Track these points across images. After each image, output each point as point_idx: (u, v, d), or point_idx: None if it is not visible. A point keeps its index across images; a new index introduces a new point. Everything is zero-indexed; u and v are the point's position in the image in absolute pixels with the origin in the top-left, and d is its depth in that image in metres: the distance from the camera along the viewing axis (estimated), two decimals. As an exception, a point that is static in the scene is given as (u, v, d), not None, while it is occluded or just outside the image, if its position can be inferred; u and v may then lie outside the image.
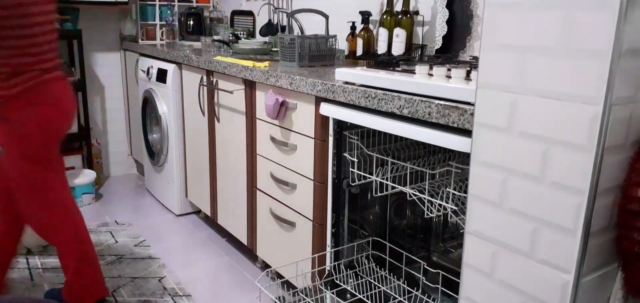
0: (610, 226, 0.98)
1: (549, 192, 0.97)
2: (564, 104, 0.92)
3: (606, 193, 0.94)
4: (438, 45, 1.99)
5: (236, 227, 2.47)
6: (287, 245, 2.07)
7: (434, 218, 2.01)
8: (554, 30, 0.93)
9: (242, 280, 2.35)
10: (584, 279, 0.97)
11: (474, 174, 1.11)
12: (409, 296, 1.76)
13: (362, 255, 1.88)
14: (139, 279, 2.32)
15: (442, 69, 1.40)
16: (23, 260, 2.48)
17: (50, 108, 1.76)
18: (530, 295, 1.03)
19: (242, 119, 2.26)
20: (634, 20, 0.86)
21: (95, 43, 3.56)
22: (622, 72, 0.87)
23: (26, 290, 2.21)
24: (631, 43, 0.87)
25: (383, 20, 2.12)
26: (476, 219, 1.12)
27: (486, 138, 1.07)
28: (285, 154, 1.98)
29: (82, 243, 1.91)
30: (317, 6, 2.73)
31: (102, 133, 3.72)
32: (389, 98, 1.43)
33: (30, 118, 1.72)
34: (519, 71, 0.99)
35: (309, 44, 2.13)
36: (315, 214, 1.86)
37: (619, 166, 0.95)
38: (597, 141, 0.89)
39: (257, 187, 2.23)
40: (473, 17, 1.89)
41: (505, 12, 1.01)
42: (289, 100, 1.91)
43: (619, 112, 0.90)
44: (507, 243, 1.06)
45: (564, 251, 0.96)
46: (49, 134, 1.78)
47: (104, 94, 3.68)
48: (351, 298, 1.76)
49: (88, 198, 3.23)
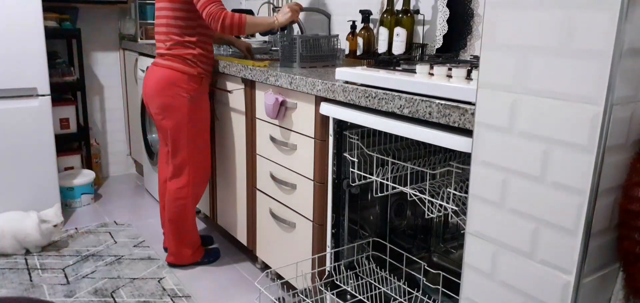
0: (611, 227, 0.98)
1: (549, 192, 0.97)
2: (565, 104, 0.92)
3: (607, 193, 0.94)
4: (439, 44, 1.99)
5: (236, 228, 2.46)
6: (287, 246, 2.06)
7: (434, 218, 2.01)
8: (555, 29, 0.92)
9: (241, 281, 2.34)
10: (584, 280, 0.96)
11: (475, 174, 1.11)
12: (410, 297, 1.76)
13: (363, 256, 1.88)
14: (139, 280, 2.31)
15: (443, 69, 1.40)
16: (22, 260, 2.47)
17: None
18: (531, 296, 1.03)
19: (241, 119, 2.25)
20: (635, 19, 0.85)
21: (94, 42, 3.56)
22: (622, 72, 0.87)
23: (25, 290, 2.21)
24: (632, 43, 0.87)
25: (383, 19, 2.11)
26: (477, 219, 1.12)
27: (487, 137, 1.07)
28: (285, 154, 1.97)
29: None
30: (317, 5, 2.72)
31: (101, 133, 3.72)
32: (389, 98, 1.43)
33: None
34: (520, 71, 0.99)
35: (311, 44, 2.12)
36: (315, 214, 1.85)
37: (619, 166, 0.94)
38: (597, 141, 0.88)
39: (256, 187, 2.22)
40: (474, 16, 1.89)
41: (506, 12, 1.00)
42: (289, 100, 1.90)
43: (619, 112, 0.89)
44: (508, 243, 1.06)
45: (564, 251, 0.96)
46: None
47: (103, 94, 3.67)
48: (351, 299, 1.75)
49: (87, 198, 3.23)
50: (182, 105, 2.17)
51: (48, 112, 2.78)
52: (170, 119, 2.19)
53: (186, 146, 2.23)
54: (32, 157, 2.77)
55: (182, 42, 2.13)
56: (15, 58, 2.65)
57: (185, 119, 2.19)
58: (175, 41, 2.13)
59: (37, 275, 2.34)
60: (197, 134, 2.26)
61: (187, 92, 2.17)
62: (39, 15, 2.67)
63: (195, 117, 2.22)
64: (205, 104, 2.27)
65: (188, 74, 2.16)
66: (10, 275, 2.34)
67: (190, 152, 2.25)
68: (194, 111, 2.21)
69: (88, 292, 2.20)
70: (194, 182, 2.31)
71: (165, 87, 2.15)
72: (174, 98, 2.16)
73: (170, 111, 2.18)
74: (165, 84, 2.14)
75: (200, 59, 2.18)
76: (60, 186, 3.03)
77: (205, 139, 2.31)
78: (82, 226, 2.89)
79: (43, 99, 2.75)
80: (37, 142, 2.77)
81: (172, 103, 2.17)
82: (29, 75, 2.70)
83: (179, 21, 2.12)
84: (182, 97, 2.16)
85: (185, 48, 2.14)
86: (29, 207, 2.75)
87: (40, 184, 2.81)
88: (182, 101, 2.17)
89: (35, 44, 2.68)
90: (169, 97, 2.16)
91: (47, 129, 2.79)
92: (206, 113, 2.29)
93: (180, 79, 2.15)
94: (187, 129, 2.21)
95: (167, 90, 2.15)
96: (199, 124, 2.26)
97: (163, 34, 2.16)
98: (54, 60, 3.22)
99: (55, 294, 2.18)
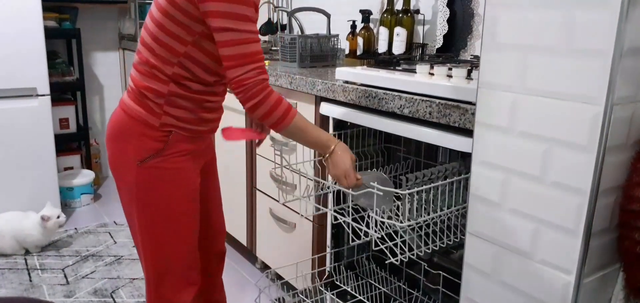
0: (611, 227, 0.98)
1: (550, 192, 0.96)
2: (565, 104, 0.92)
3: (607, 193, 0.94)
4: (439, 44, 1.99)
5: (235, 228, 2.46)
6: (287, 246, 2.06)
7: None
8: (555, 29, 0.92)
9: (241, 281, 2.34)
10: (585, 280, 0.96)
11: (475, 174, 1.11)
12: (410, 297, 1.76)
13: (363, 256, 1.88)
14: (138, 280, 2.31)
15: (443, 69, 1.40)
16: (22, 261, 2.47)
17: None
18: (531, 296, 1.03)
19: (241, 119, 2.25)
20: (635, 19, 0.85)
21: (94, 42, 3.55)
22: (623, 71, 0.87)
23: (25, 290, 2.21)
24: (632, 42, 0.86)
25: (383, 19, 2.11)
26: (477, 219, 1.12)
27: (487, 137, 1.07)
28: (285, 154, 1.97)
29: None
30: (316, 5, 2.72)
31: (100, 133, 3.71)
32: (389, 98, 1.43)
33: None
34: (520, 71, 0.99)
35: (311, 43, 2.11)
36: (315, 214, 1.85)
37: (620, 166, 0.94)
38: (598, 141, 0.88)
39: (256, 187, 2.22)
40: (474, 16, 1.89)
41: (506, 11, 1.00)
42: (289, 99, 1.90)
43: (620, 112, 0.89)
44: (508, 243, 1.06)
45: (565, 252, 0.96)
46: None
47: (103, 94, 3.67)
48: (351, 300, 1.75)
49: (87, 198, 3.22)
50: (127, 171, 1.29)
51: (48, 112, 2.78)
52: (119, 187, 1.35)
53: (140, 240, 1.35)
54: (31, 157, 2.77)
55: (152, 70, 1.25)
56: (15, 58, 2.65)
57: (133, 193, 1.30)
58: (151, 64, 1.25)
59: (37, 275, 2.34)
60: (156, 224, 1.31)
61: (135, 151, 1.27)
62: (38, 15, 2.67)
63: (151, 196, 1.29)
64: (184, 180, 1.31)
65: (143, 122, 1.26)
66: (10, 275, 2.34)
67: (147, 251, 1.34)
68: (148, 186, 1.28)
69: (88, 292, 2.20)
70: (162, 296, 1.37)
71: (113, 136, 1.31)
72: (120, 155, 1.30)
73: (117, 173, 1.33)
74: (114, 131, 1.31)
75: (173, 102, 1.26)
76: (60, 186, 3.03)
77: (177, 231, 1.33)
78: (82, 227, 2.89)
79: (43, 99, 2.75)
80: (37, 142, 2.77)
81: (118, 163, 1.31)
82: (29, 75, 2.69)
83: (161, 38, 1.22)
84: (128, 159, 1.28)
85: (153, 80, 1.25)
86: (28, 207, 2.75)
87: (40, 184, 2.81)
88: (127, 164, 1.28)
89: (35, 43, 2.68)
90: (116, 152, 1.31)
91: (47, 129, 2.79)
92: (185, 192, 1.32)
93: (129, 129, 1.28)
94: (136, 210, 1.32)
95: (114, 141, 1.31)
96: (162, 209, 1.30)
97: (139, 54, 1.29)
98: (54, 60, 3.22)
99: (55, 294, 2.17)
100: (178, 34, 1.20)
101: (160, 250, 1.33)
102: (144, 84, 1.26)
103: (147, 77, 1.26)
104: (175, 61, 1.23)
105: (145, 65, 1.26)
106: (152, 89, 1.25)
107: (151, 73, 1.25)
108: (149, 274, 1.36)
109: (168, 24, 1.20)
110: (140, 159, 1.26)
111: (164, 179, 1.29)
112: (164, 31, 1.21)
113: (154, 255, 1.34)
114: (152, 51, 1.24)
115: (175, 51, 1.22)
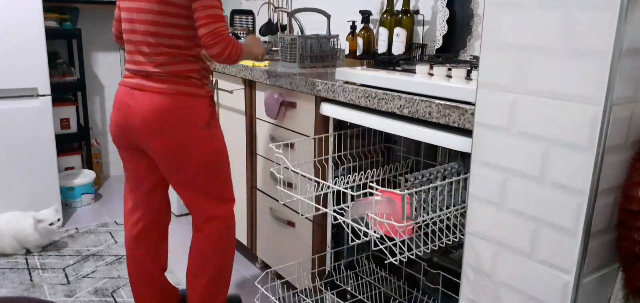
0: (610, 227, 0.98)
1: (549, 192, 0.97)
2: (565, 104, 0.92)
3: (607, 193, 0.94)
4: (438, 44, 1.99)
5: (236, 227, 2.46)
6: (287, 246, 2.06)
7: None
8: (555, 30, 0.92)
9: (241, 281, 2.35)
10: (584, 280, 0.96)
11: (475, 174, 1.11)
12: (410, 297, 1.76)
13: (363, 256, 1.88)
14: (139, 279, 2.31)
15: (443, 69, 1.40)
16: (23, 260, 2.47)
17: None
18: (530, 296, 1.03)
19: (241, 118, 2.26)
20: (635, 19, 0.86)
21: (94, 42, 3.56)
22: (622, 72, 0.87)
23: (26, 290, 2.21)
24: (631, 43, 0.87)
25: (383, 19, 2.12)
26: (476, 219, 1.12)
27: (487, 137, 1.07)
28: (285, 153, 1.97)
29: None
30: (316, 5, 2.73)
31: (101, 133, 3.72)
32: (389, 98, 1.43)
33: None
34: (520, 71, 0.99)
35: (311, 44, 2.12)
36: (315, 214, 1.86)
37: (619, 166, 0.94)
38: (597, 141, 0.88)
39: (257, 187, 2.22)
40: (473, 16, 1.89)
41: (505, 12, 1.00)
42: (289, 99, 1.90)
43: (619, 113, 0.90)
44: (508, 243, 1.06)
45: (564, 251, 0.96)
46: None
47: (104, 94, 3.68)
48: (351, 299, 1.75)
49: (87, 198, 3.23)
50: (197, 140, 1.65)
51: (48, 113, 2.78)
52: (179, 160, 1.66)
53: (203, 181, 1.72)
54: (32, 157, 2.77)
55: (181, 52, 1.59)
56: (16, 58, 2.65)
57: (202, 151, 1.67)
58: (170, 54, 1.58)
59: (38, 275, 2.34)
60: (222, 162, 1.75)
61: (201, 120, 1.64)
62: (39, 15, 2.68)
63: (215, 146, 1.70)
64: (219, 132, 1.74)
65: (196, 96, 1.63)
66: (10, 274, 2.34)
67: (214, 181, 1.75)
68: (214, 138, 1.70)
69: (88, 291, 2.20)
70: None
71: (170, 118, 1.60)
72: (186, 128, 1.62)
73: (182, 148, 1.64)
74: (173, 113, 1.59)
75: (203, 75, 1.67)
76: (61, 186, 3.03)
77: (227, 159, 1.79)
78: (83, 226, 2.90)
79: (43, 99, 2.75)
80: (38, 142, 2.77)
81: (184, 137, 1.62)
82: (30, 75, 2.70)
83: (171, 29, 1.57)
84: (196, 129, 1.63)
85: (183, 63, 1.60)
86: (29, 207, 2.76)
87: (41, 184, 2.81)
88: (195, 134, 1.64)
89: (35, 44, 2.68)
90: (179, 131, 1.61)
91: (48, 129, 2.79)
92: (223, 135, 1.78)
93: (191, 106, 1.62)
94: (204, 162, 1.69)
95: (173, 120, 1.60)
96: (222, 150, 1.75)
97: (146, 44, 1.58)
98: (55, 60, 3.22)
99: (56, 294, 2.18)
100: (185, 19, 1.57)
101: (224, 175, 1.77)
102: (180, 67, 1.59)
103: (178, 59, 1.59)
104: (193, 44, 1.60)
105: (168, 51, 1.58)
106: (189, 70, 1.61)
107: (180, 55, 1.59)
108: (214, 193, 1.74)
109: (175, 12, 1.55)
110: (205, 124, 1.65)
111: (218, 127, 1.73)
112: (177, 18, 1.56)
113: (219, 179, 1.74)
114: (173, 37, 1.57)
115: (191, 36, 1.59)
